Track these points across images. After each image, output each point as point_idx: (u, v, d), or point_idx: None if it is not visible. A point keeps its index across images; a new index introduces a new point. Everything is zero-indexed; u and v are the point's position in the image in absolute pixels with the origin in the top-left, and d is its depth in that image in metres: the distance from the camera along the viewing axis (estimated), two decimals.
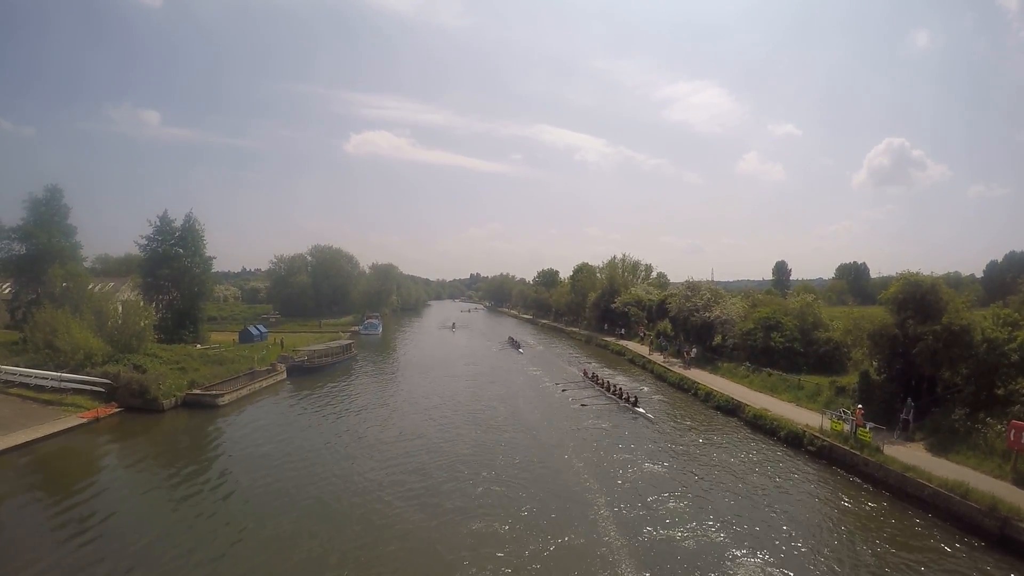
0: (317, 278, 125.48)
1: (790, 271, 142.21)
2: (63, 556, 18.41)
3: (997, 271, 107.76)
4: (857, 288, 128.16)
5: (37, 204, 53.93)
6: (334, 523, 21.36)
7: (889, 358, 31.21)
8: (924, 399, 29.11)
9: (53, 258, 52.60)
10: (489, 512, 22.09)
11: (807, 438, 29.68)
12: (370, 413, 39.13)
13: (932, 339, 28.02)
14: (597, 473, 26.60)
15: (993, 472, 22.47)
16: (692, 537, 19.89)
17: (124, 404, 37.98)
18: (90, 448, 30.97)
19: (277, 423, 36.30)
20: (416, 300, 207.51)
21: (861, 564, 18.09)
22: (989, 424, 25.00)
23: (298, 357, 56.80)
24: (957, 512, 20.67)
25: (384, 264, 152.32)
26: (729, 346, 52.56)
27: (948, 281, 41.23)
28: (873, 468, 25.10)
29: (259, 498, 23.75)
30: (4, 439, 29.76)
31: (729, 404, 38.45)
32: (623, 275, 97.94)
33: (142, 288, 63.04)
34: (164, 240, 62.41)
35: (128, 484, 25.93)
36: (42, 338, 41.87)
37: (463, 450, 30.32)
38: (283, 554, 18.90)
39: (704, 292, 60.09)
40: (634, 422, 36.46)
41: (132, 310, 48.26)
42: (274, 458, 28.97)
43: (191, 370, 44.53)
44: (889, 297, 31.92)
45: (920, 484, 22.50)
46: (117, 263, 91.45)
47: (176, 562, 18.15)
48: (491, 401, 42.82)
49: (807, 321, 47.09)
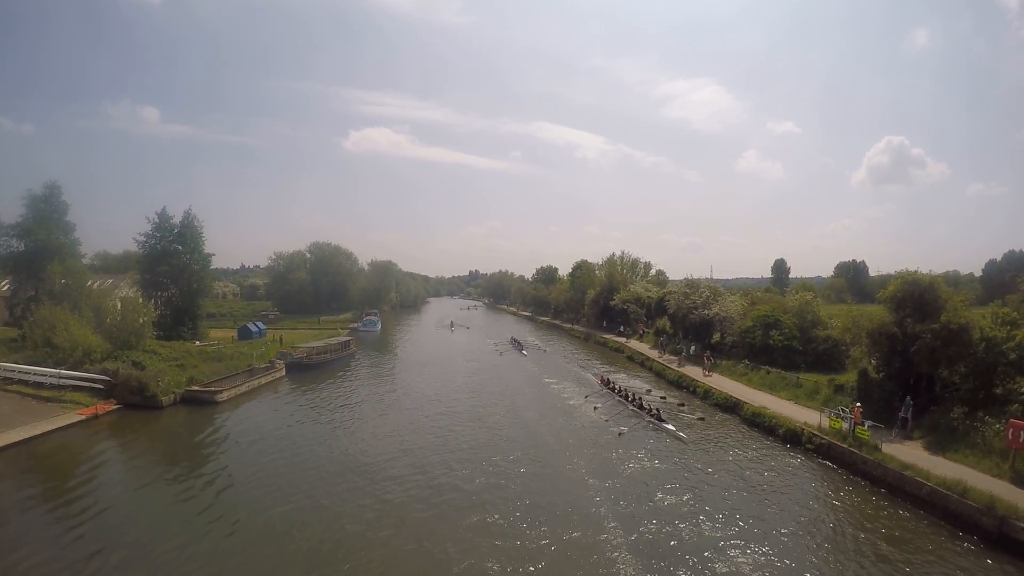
0: (316, 275, 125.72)
1: (789, 269, 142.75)
2: (60, 549, 18.52)
3: (996, 270, 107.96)
4: (856, 286, 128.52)
5: (36, 201, 53.80)
6: (327, 516, 21.56)
7: (888, 356, 31.20)
8: (922, 397, 29.12)
9: (52, 255, 52.48)
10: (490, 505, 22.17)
11: (806, 436, 29.70)
12: (367, 409, 39.26)
13: (931, 338, 28.01)
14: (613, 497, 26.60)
15: (991, 471, 22.49)
16: (693, 532, 19.94)
17: (123, 401, 38.02)
18: (89, 444, 30.95)
19: (275, 419, 36.38)
20: (415, 297, 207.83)
21: (859, 561, 18.10)
22: (987, 423, 25.01)
23: (297, 354, 56.85)
24: (955, 511, 20.67)
25: (383, 261, 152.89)
26: (728, 344, 52.61)
27: (947, 280, 41.36)
28: (871, 466, 25.11)
29: (254, 492, 23.93)
30: (3, 436, 29.78)
31: (728, 402, 38.50)
32: (622, 272, 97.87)
33: (141, 285, 63.00)
34: (163, 237, 62.39)
35: (126, 480, 26.06)
36: (41, 335, 41.92)
37: (463, 446, 30.34)
38: (276, 546, 19.10)
39: (703, 290, 60.14)
40: (666, 443, 31.36)
41: (131, 307, 48.35)
42: (271, 454, 29.09)
43: (190, 367, 44.58)
44: (888, 296, 31.94)
45: (918, 482, 22.51)
46: (116, 260, 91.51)
47: (170, 555, 18.32)
48: (499, 417, 36.72)
49: (806, 319, 47.08)
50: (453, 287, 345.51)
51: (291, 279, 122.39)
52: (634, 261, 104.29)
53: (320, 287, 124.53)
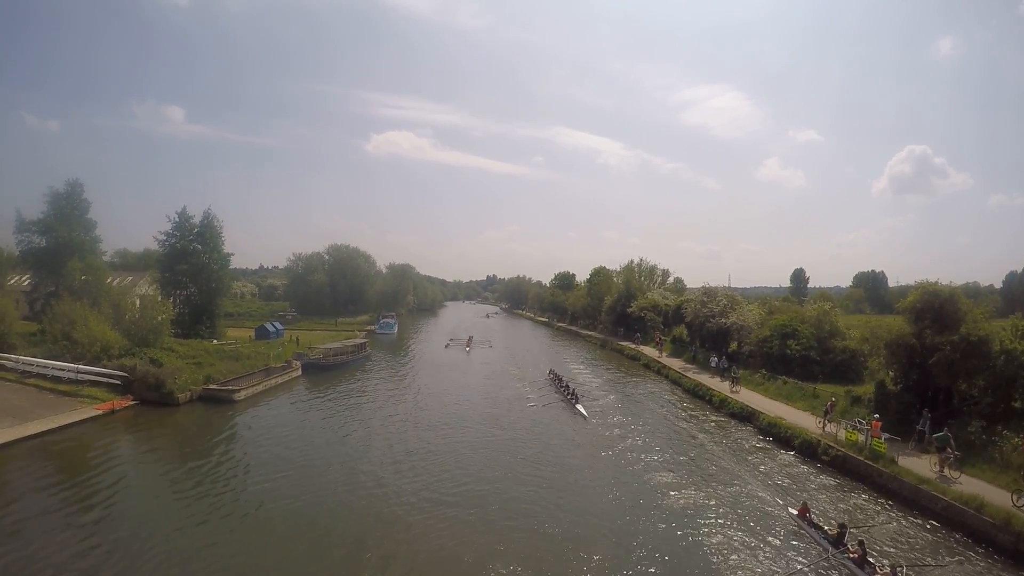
0: (334, 277, 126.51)
1: (808, 278, 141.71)
2: (72, 541, 18.77)
3: (1016, 282, 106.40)
4: (875, 297, 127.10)
5: (58, 198, 54.84)
6: (345, 514, 21.86)
7: (906, 368, 30.73)
8: (940, 410, 28.52)
9: (73, 252, 53.46)
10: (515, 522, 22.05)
11: (822, 448, 29.30)
12: (382, 411, 39.33)
13: (949, 350, 27.53)
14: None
15: (1009, 486, 21.93)
16: (710, 534, 19.80)
17: (140, 397, 38.45)
18: (105, 439, 31.38)
19: (291, 419, 36.75)
20: (432, 301, 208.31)
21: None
22: (1006, 437, 24.49)
23: (313, 355, 57.25)
24: (971, 525, 20.29)
25: (401, 264, 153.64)
26: (745, 353, 52.15)
27: (966, 291, 40.70)
28: (887, 479, 24.71)
29: (269, 489, 24.20)
30: (21, 428, 30.35)
31: (743, 412, 38.10)
32: (639, 280, 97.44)
33: (160, 283, 63.91)
34: (182, 236, 63.18)
35: (140, 474, 26.42)
36: (60, 330, 42.61)
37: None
38: (292, 543, 19.33)
39: (720, 298, 59.58)
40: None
41: (149, 304, 48.92)
42: (284, 452, 29.38)
43: (207, 365, 45.06)
44: (907, 306, 31.39)
45: (934, 496, 22.14)
46: (136, 258, 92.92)
47: (182, 550, 18.46)
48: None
49: (824, 329, 46.47)
50: (470, 291, 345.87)
51: (309, 280, 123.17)
52: (652, 268, 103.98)
53: (338, 289, 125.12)
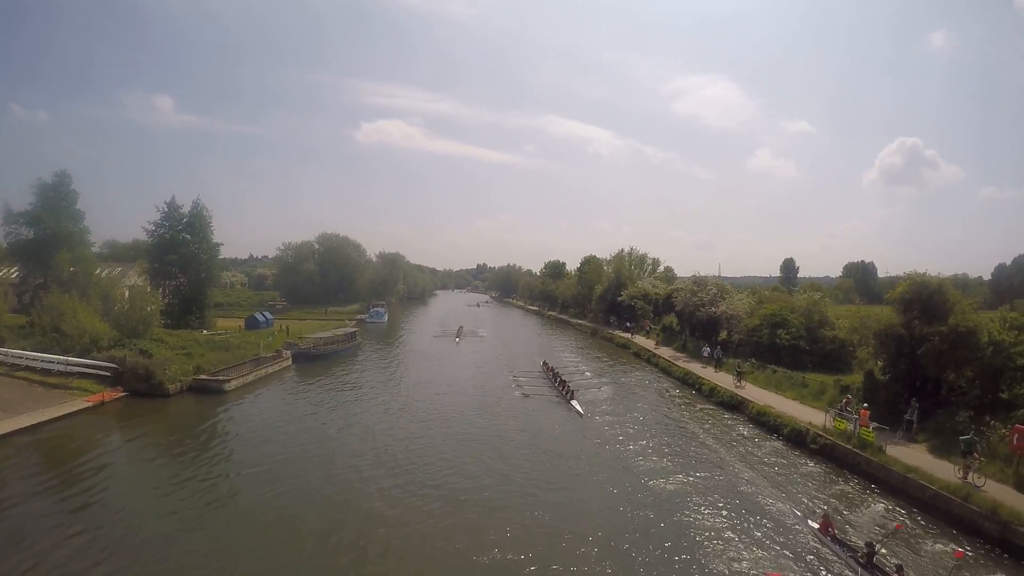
0: (324, 266, 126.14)
1: (798, 268, 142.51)
2: (62, 536, 18.63)
3: (1005, 274, 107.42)
4: (864, 287, 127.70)
5: (46, 189, 54.05)
6: (333, 504, 21.96)
7: (894, 358, 30.98)
8: (928, 400, 28.86)
9: (61, 243, 52.76)
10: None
11: (810, 436, 29.59)
12: (371, 400, 39.46)
13: (938, 340, 27.78)
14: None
15: (995, 476, 22.27)
16: (696, 524, 20.01)
17: (130, 388, 38.21)
18: (95, 431, 31.22)
19: (281, 409, 36.82)
20: (422, 289, 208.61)
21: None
22: (993, 427, 24.78)
23: (303, 344, 57.24)
24: (958, 514, 20.62)
25: (391, 253, 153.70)
26: (734, 342, 52.50)
27: (955, 283, 41.02)
28: (875, 468, 25.03)
29: (259, 479, 24.28)
30: (10, 421, 30.06)
31: (732, 400, 38.45)
32: (630, 268, 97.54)
33: (149, 274, 63.18)
34: (172, 226, 62.56)
35: (131, 466, 26.41)
36: (49, 322, 42.13)
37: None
38: (281, 533, 19.41)
39: (710, 287, 59.95)
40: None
41: (139, 295, 48.52)
42: (273, 442, 29.43)
43: (197, 355, 44.84)
44: (896, 297, 31.66)
45: (922, 485, 22.45)
46: (125, 249, 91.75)
47: (173, 541, 18.48)
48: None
49: (813, 319, 46.92)
50: (461, 280, 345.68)
51: (299, 270, 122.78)
52: (642, 257, 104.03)
53: (328, 278, 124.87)
